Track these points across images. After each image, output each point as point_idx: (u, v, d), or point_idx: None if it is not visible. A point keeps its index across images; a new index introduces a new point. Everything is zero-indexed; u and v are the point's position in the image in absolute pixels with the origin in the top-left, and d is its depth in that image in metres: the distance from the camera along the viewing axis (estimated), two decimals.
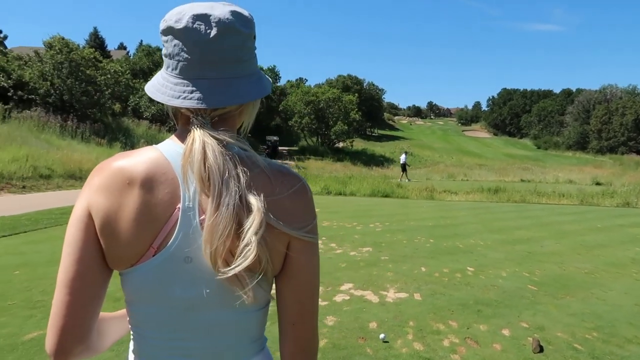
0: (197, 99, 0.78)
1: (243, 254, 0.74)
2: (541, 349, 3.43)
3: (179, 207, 0.78)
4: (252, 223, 0.74)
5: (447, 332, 3.73)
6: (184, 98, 0.79)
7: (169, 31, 0.80)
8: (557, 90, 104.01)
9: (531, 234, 8.78)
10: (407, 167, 26.64)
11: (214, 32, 0.77)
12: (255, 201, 0.76)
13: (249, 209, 0.75)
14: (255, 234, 0.74)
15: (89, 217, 0.80)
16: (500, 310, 4.33)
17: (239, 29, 0.80)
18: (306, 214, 0.85)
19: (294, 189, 0.83)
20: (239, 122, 0.89)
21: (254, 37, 0.85)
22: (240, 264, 0.74)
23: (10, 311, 3.85)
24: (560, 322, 4.04)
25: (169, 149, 0.82)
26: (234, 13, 0.80)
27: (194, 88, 0.79)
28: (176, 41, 0.79)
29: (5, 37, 34.50)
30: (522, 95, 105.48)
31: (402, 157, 26.58)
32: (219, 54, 0.78)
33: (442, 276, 5.48)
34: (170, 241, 0.77)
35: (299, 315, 0.87)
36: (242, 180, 0.76)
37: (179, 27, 0.78)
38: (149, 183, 0.78)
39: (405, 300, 4.52)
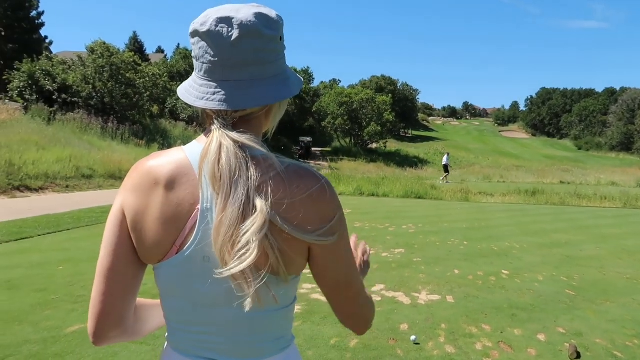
0: (219, 101, 0.81)
1: (238, 257, 0.75)
2: (578, 355, 3.34)
3: (198, 207, 0.81)
4: (252, 225, 0.75)
5: (480, 335, 3.68)
6: (207, 99, 0.82)
7: (195, 34, 0.82)
8: (599, 89, 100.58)
9: (570, 237, 8.53)
10: (449, 168, 26.41)
11: (235, 34, 0.79)
12: (260, 203, 0.76)
13: (254, 211, 0.76)
14: (256, 235, 0.74)
15: (123, 214, 0.86)
16: (536, 314, 4.23)
17: (261, 31, 0.80)
18: (322, 216, 0.82)
19: (309, 191, 0.81)
20: (266, 123, 0.91)
21: (281, 38, 0.85)
22: (235, 267, 0.75)
23: (54, 305, 4.03)
24: (599, 329, 3.92)
25: (193, 149, 0.85)
26: (258, 15, 0.81)
27: (217, 90, 0.81)
28: (202, 43, 0.82)
29: (51, 43, 35.87)
30: (562, 95, 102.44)
31: (445, 159, 26.42)
32: (241, 56, 0.80)
33: (476, 279, 5.40)
34: (190, 240, 0.81)
35: (336, 304, 0.93)
36: (252, 182, 0.77)
37: (203, 30, 0.80)
38: (172, 183, 0.82)
39: (438, 303, 4.48)
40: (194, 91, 0.84)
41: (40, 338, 3.31)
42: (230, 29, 0.79)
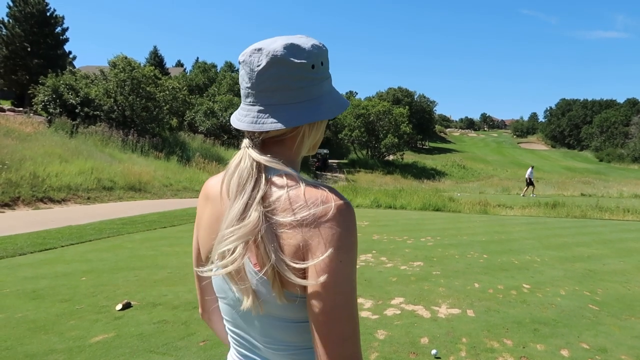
0: (248, 123, 0.90)
1: (221, 259, 0.85)
2: None
3: None
4: (238, 231, 0.82)
5: (502, 350, 3.64)
6: (240, 121, 0.92)
7: (239, 63, 0.93)
8: (621, 100, 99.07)
9: (592, 251, 8.37)
10: (533, 182, 25.43)
11: (263, 63, 0.87)
12: (254, 215, 0.82)
13: (247, 220, 0.82)
14: (237, 241, 0.82)
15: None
16: (559, 329, 4.16)
17: (287, 60, 0.86)
18: (319, 246, 0.79)
19: (312, 215, 0.80)
20: (300, 144, 0.94)
21: (313, 67, 0.89)
22: (217, 269, 0.86)
23: (78, 315, 4.10)
24: (624, 345, 3.84)
25: None
26: (289, 45, 0.88)
27: (248, 113, 0.91)
28: (242, 71, 0.92)
29: (75, 58, 36.77)
30: (583, 106, 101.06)
31: (529, 172, 25.31)
32: (268, 83, 0.88)
33: (497, 293, 5.34)
34: None
35: (316, 340, 0.81)
36: (255, 195, 0.84)
37: (242, 59, 0.91)
38: (215, 197, 0.95)
39: (458, 317, 4.44)
40: (236, 113, 0.94)
41: (66, 347, 3.37)
42: (259, 58, 0.88)
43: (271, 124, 0.87)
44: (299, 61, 0.87)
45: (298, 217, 0.80)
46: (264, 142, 0.91)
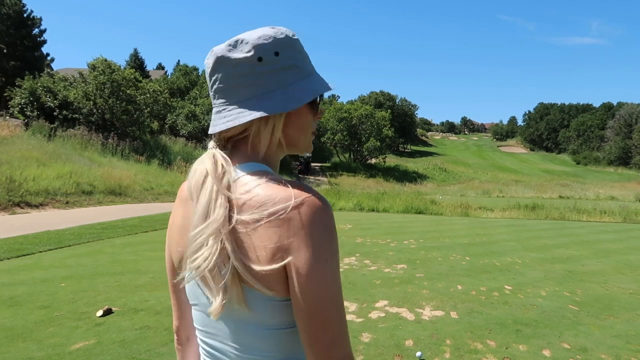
0: (210, 126, 0.89)
1: (192, 261, 0.78)
2: None
3: None
4: (202, 233, 0.78)
5: (485, 351, 3.67)
6: (209, 125, 0.91)
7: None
8: (596, 104, 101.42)
9: (571, 252, 8.52)
10: None
11: (210, 64, 0.87)
12: (218, 212, 0.78)
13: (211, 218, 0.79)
14: (209, 239, 0.77)
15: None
16: (540, 330, 4.22)
17: (228, 58, 0.84)
18: (299, 248, 0.75)
19: (272, 213, 0.76)
20: (259, 140, 0.87)
21: (260, 59, 0.83)
22: (190, 273, 0.79)
23: (58, 322, 4.01)
24: (604, 344, 3.91)
25: None
26: (233, 42, 0.85)
27: (214, 116, 0.90)
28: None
29: (52, 60, 36.14)
30: (560, 110, 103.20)
31: None
32: (217, 84, 0.87)
33: (479, 294, 5.39)
34: None
35: (308, 346, 0.77)
36: (215, 193, 0.80)
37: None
38: (187, 200, 0.89)
39: (442, 318, 4.47)
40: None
41: (45, 355, 3.29)
42: (209, 61, 0.87)
43: (221, 125, 0.85)
44: (242, 56, 0.83)
45: (263, 215, 0.76)
46: (232, 142, 0.88)
